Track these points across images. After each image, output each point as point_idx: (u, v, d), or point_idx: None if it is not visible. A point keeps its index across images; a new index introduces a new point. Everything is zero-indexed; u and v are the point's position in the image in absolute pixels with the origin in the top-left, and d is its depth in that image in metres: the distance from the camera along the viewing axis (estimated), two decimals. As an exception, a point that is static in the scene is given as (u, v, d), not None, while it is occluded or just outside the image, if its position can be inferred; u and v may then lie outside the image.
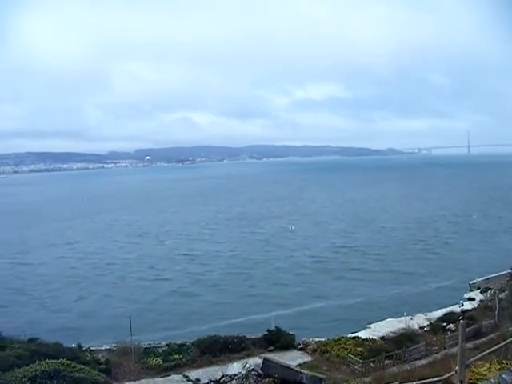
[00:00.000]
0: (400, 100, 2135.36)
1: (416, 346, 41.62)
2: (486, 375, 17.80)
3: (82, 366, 30.73)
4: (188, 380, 36.32)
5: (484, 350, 18.65)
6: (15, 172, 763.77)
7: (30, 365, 28.74)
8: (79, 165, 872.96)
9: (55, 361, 29.47)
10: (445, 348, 42.04)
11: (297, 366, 36.93)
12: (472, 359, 16.37)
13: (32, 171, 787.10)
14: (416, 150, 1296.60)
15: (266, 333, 44.36)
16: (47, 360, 29.46)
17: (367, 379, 33.01)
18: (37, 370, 27.92)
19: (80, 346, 40.31)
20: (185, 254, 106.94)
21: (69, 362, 30.07)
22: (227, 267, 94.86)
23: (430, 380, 27.36)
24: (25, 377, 27.25)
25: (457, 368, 14.96)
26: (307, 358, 41.33)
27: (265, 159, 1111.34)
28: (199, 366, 38.75)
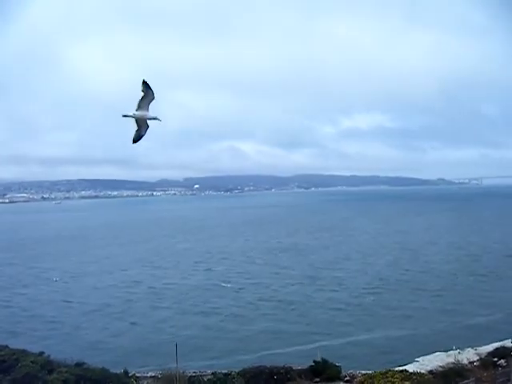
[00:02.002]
0: (449, 129, 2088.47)
1: (465, 381, 40.03)
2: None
3: (128, 393, 30.79)
4: (233, 410, 35.93)
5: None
6: (66, 198, 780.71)
7: (77, 389, 29.01)
8: (129, 192, 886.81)
9: (101, 386, 29.67)
10: (495, 384, 40.42)
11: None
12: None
13: (82, 197, 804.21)
14: (466, 180, 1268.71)
15: (312, 364, 43.64)
16: (93, 385, 29.71)
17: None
18: (83, 394, 28.16)
19: (126, 372, 40.47)
20: (230, 284, 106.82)
21: (114, 387, 30.20)
22: (273, 297, 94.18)
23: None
24: (71, 401, 27.50)
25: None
26: (353, 391, 40.44)
27: (313, 188, 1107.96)
28: (244, 397, 38.34)
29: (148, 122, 20.64)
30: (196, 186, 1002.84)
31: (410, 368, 44.59)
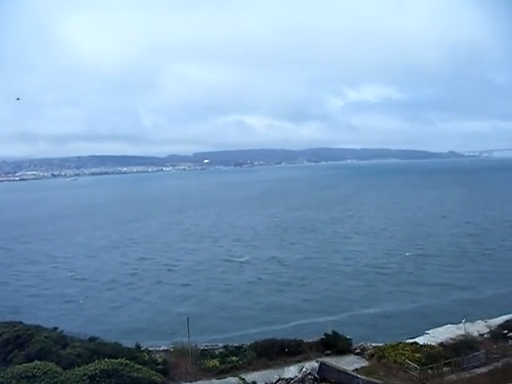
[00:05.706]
0: (459, 101, 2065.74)
1: (476, 353, 40.27)
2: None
3: (140, 366, 31.19)
4: (244, 382, 36.39)
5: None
6: (77, 175, 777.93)
7: (90, 363, 29.43)
8: (139, 168, 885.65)
9: (114, 360, 30.02)
10: (506, 356, 40.57)
11: (353, 370, 36.39)
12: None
13: (93, 174, 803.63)
14: (477, 153, 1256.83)
15: (323, 337, 43.99)
16: (106, 359, 30.06)
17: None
18: (96, 368, 28.54)
19: (138, 347, 40.92)
20: (238, 259, 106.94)
21: (127, 361, 30.56)
22: (283, 272, 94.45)
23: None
24: (85, 375, 27.89)
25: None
26: (364, 363, 40.82)
27: (323, 162, 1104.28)
28: (255, 369, 38.81)
29: None
30: (206, 160, 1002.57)
31: (421, 340, 44.92)
